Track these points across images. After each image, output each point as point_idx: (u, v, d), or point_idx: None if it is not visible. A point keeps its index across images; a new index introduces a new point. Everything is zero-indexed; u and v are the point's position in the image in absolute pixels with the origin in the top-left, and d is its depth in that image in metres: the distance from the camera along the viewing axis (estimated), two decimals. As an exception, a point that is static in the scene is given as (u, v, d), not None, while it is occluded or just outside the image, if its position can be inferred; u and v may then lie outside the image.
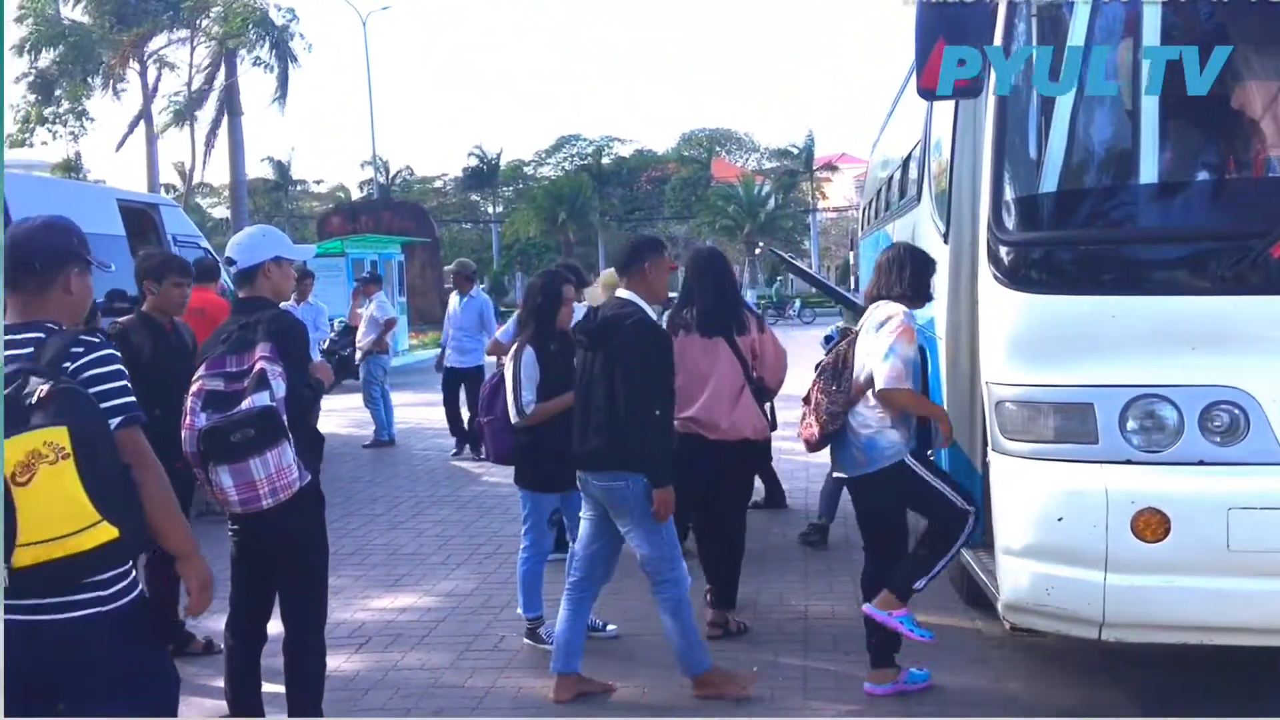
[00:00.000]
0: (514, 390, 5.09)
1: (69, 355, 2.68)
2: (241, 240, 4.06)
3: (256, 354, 3.67)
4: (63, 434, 2.52)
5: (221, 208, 49.38)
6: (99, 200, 10.94)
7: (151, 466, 2.79)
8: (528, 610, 5.31)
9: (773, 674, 4.82)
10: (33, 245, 2.81)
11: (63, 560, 2.54)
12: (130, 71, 26.74)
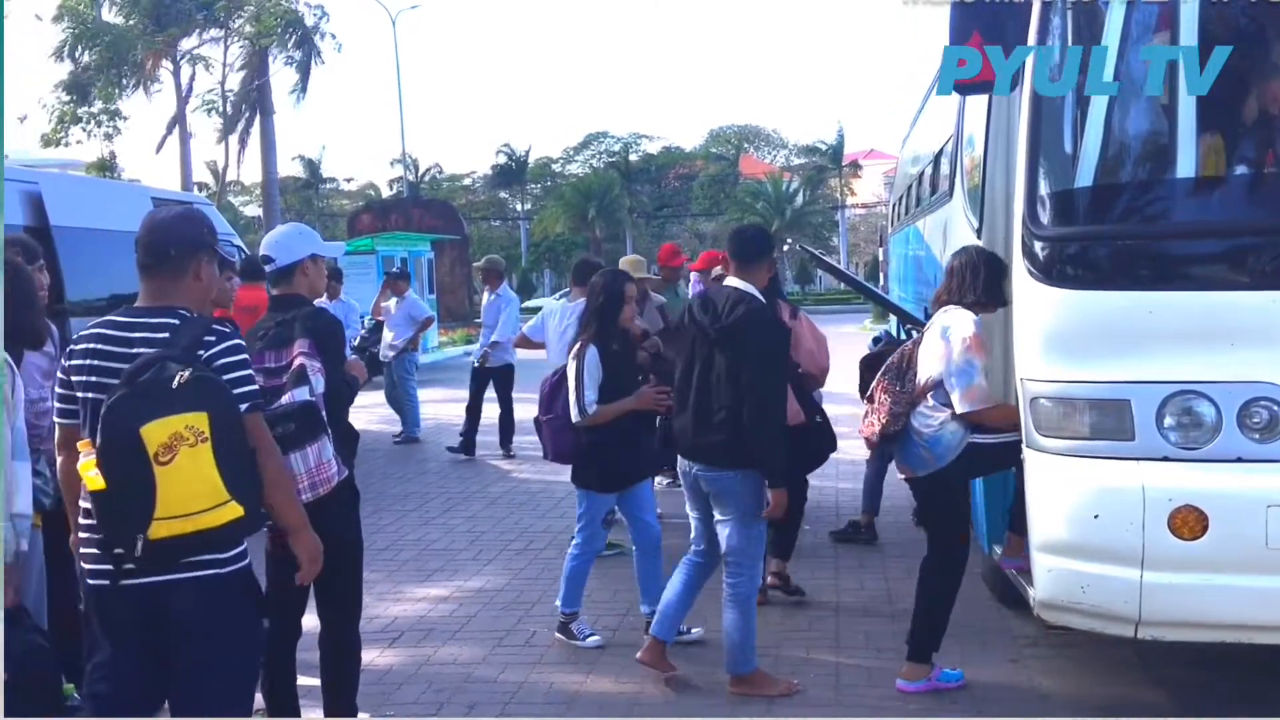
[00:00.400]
0: (576, 389, 5.04)
1: (203, 343, 2.87)
2: (279, 238, 4.10)
3: (295, 350, 3.75)
4: (203, 419, 2.74)
5: (253, 206, 49.72)
6: (134, 199, 11.04)
7: (271, 450, 3.04)
8: (566, 605, 5.29)
9: (804, 670, 4.82)
10: (169, 234, 3.00)
11: (193, 535, 2.76)
12: (164, 72, 27.02)
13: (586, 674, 4.87)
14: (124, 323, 2.95)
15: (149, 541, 2.74)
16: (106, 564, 2.86)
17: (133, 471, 2.72)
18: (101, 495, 2.77)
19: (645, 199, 61.07)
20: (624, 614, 5.65)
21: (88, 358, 2.93)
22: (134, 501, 2.73)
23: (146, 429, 2.70)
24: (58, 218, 8.90)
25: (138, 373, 2.79)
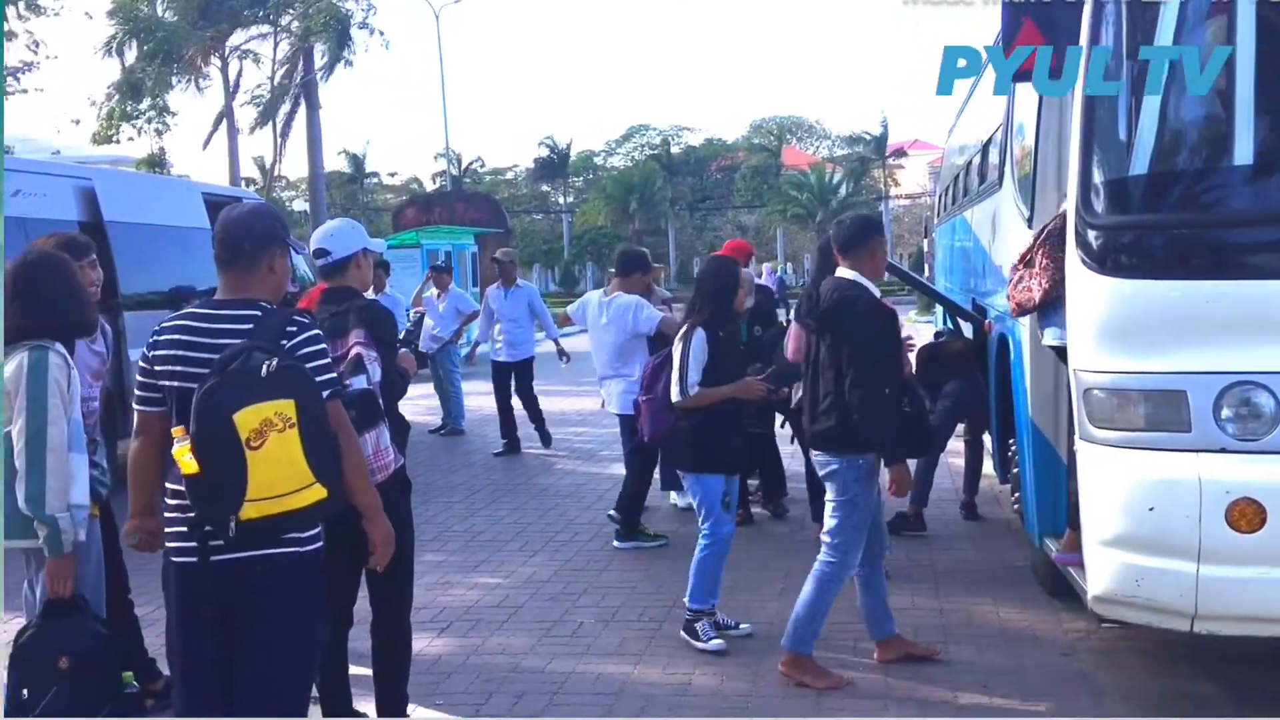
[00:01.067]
0: (680, 371, 5.07)
1: (285, 334, 3.01)
2: (333, 232, 4.17)
3: (351, 340, 3.85)
4: (291, 406, 2.86)
5: (299, 200, 50.20)
6: (185, 194, 11.23)
7: (351, 435, 3.20)
8: (694, 600, 5.08)
9: (853, 662, 4.79)
10: (243, 229, 3.12)
11: (280, 516, 2.89)
12: (212, 68, 27.33)
13: (634, 664, 4.88)
14: (206, 314, 3.07)
15: (240, 522, 2.87)
16: (194, 542, 2.98)
17: (226, 456, 2.83)
18: (196, 479, 2.88)
19: (687, 191, 60.93)
20: (671, 604, 5.65)
21: (172, 348, 3.05)
22: (227, 484, 2.85)
23: (239, 415, 2.82)
24: (111, 213, 9.06)
25: (227, 362, 2.90)
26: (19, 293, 3.68)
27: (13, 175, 8.86)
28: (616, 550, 6.80)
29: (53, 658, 3.49)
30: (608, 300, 7.13)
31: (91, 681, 3.55)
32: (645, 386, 5.45)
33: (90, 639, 3.60)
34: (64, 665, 3.49)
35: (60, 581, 3.56)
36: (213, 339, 3.00)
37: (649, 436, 5.46)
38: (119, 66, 25.48)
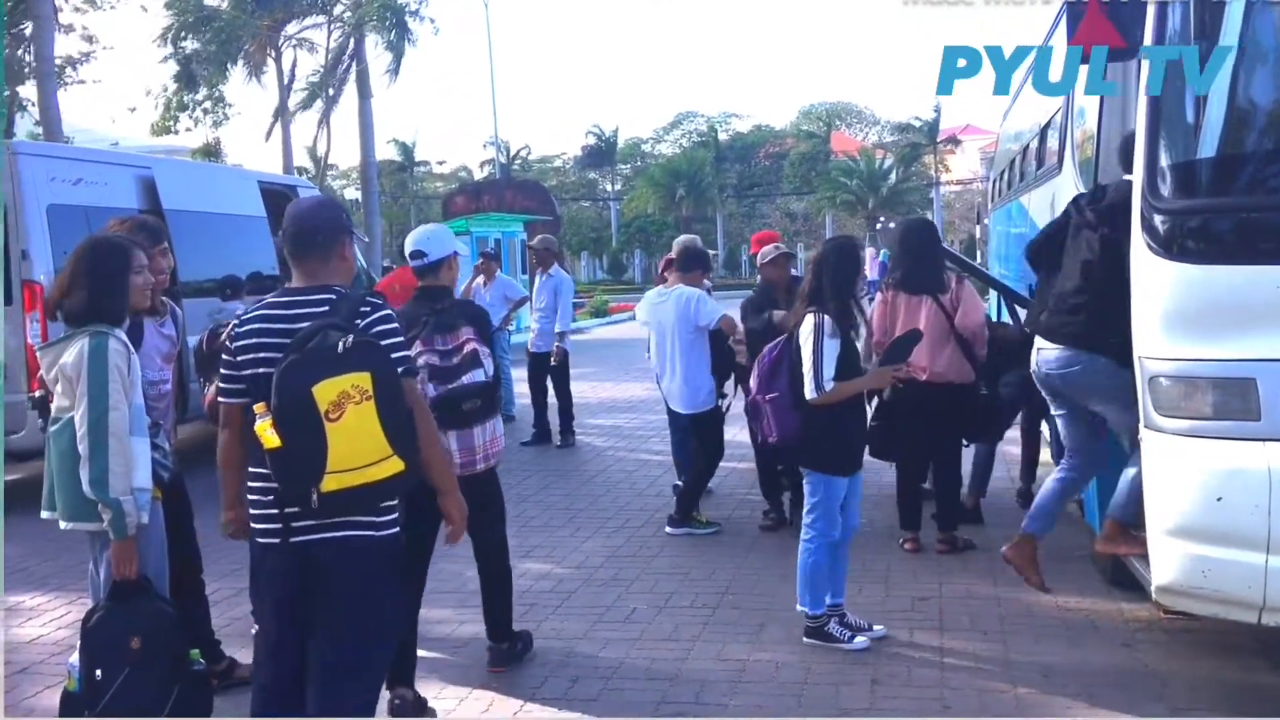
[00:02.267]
0: (814, 365, 4.72)
1: (359, 314, 3.13)
2: (429, 236, 4.56)
3: (462, 335, 4.32)
4: (366, 379, 2.97)
5: (350, 189, 50.63)
6: (242, 183, 11.35)
7: (425, 411, 3.34)
8: (813, 605, 4.86)
9: (908, 652, 4.76)
10: (315, 221, 3.27)
11: (360, 488, 2.98)
12: (268, 58, 27.59)
13: (688, 651, 4.87)
14: (284, 303, 3.19)
15: (322, 494, 2.96)
16: (277, 524, 3.09)
17: (306, 428, 2.94)
18: (278, 453, 2.98)
19: (735, 178, 60.67)
20: (723, 592, 5.65)
21: (253, 337, 3.16)
22: (308, 456, 2.95)
23: (318, 388, 2.92)
24: (169, 201, 9.19)
25: (305, 340, 3.02)
26: (73, 273, 3.78)
27: (75, 164, 9.04)
28: (669, 536, 6.80)
29: (124, 639, 3.55)
30: (668, 291, 7.09)
31: (163, 661, 3.61)
32: (763, 384, 4.98)
33: (159, 619, 3.66)
34: (135, 646, 3.55)
35: (125, 564, 3.62)
36: (291, 324, 3.11)
37: (776, 438, 4.98)
38: (175, 58, 25.81)
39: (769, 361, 4.99)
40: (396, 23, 26.65)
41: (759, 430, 5.09)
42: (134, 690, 3.52)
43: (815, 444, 4.84)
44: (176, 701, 3.61)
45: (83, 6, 19.24)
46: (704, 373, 6.91)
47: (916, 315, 6.01)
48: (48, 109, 14.74)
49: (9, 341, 8.18)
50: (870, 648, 4.79)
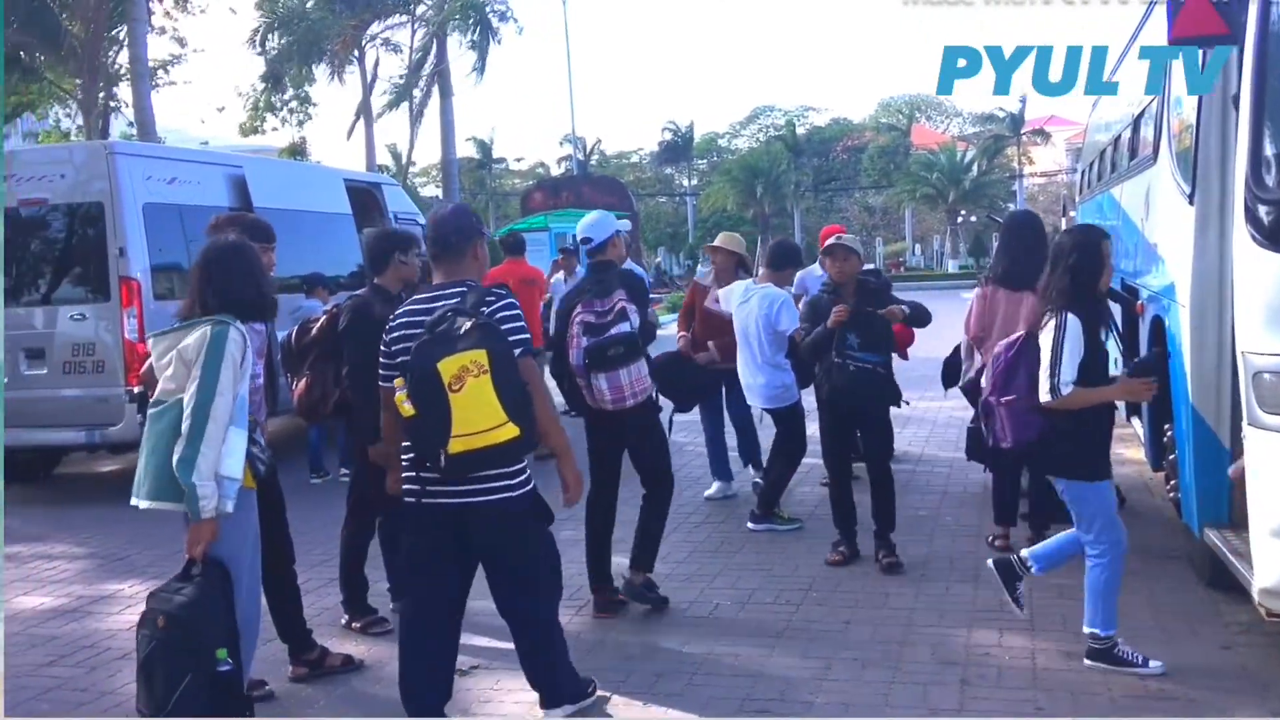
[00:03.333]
0: (1051, 365, 4.30)
1: (485, 302, 3.70)
2: (593, 223, 5.53)
3: (615, 298, 5.15)
4: (483, 355, 3.51)
5: (431, 186, 51.29)
6: (329, 181, 11.56)
7: (540, 387, 3.81)
8: (1104, 626, 4.45)
9: (998, 652, 4.68)
10: (450, 226, 3.93)
11: (481, 450, 3.53)
12: (352, 57, 28.06)
13: (772, 648, 4.85)
14: (427, 298, 3.85)
15: (449, 456, 3.52)
16: (416, 485, 3.73)
17: (433, 398, 3.51)
18: (413, 420, 3.59)
19: (812, 173, 60.16)
20: (807, 589, 5.61)
21: (402, 329, 3.81)
22: (436, 423, 3.52)
23: (442, 363, 3.50)
24: (260, 199, 9.39)
25: (434, 325, 3.64)
26: (211, 275, 3.94)
27: (169, 164, 9.29)
28: (750, 532, 6.77)
29: (154, 614, 3.66)
30: (754, 288, 7.05)
31: (178, 646, 3.62)
32: (999, 385, 4.62)
33: (190, 607, 3.65)
34: (161, 624, 3.63)
35: (194, 544, 3.71)
36: (430, 315, 3.71)
37: (1012, 443, 4.62)
38: (263, 58, 26.42)
39: (1006, 360, 4.63)
40: (480, 21, 26.89)
41: (990, 434, 4.74)
42: (153, 664, 3.62)
43: (1060, 449, 4.45)
44: (185, 692, 3.59)
45: (173, 11, 19.72)
46: (783, 368, 6.86)
47: (1017, 312, 5.74)
48: (142, 110, 15.15)
49: (105, 337, 8.46)
50: (1167, 671, 4.36)
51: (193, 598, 3.70)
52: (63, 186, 8.74)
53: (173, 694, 3.57)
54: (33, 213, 8.82)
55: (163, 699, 3.59)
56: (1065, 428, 4.36)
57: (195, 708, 3.60)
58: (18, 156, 9.47)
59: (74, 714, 4.48)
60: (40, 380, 8.60)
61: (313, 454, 8.88)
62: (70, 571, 6.62)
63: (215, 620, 3.71)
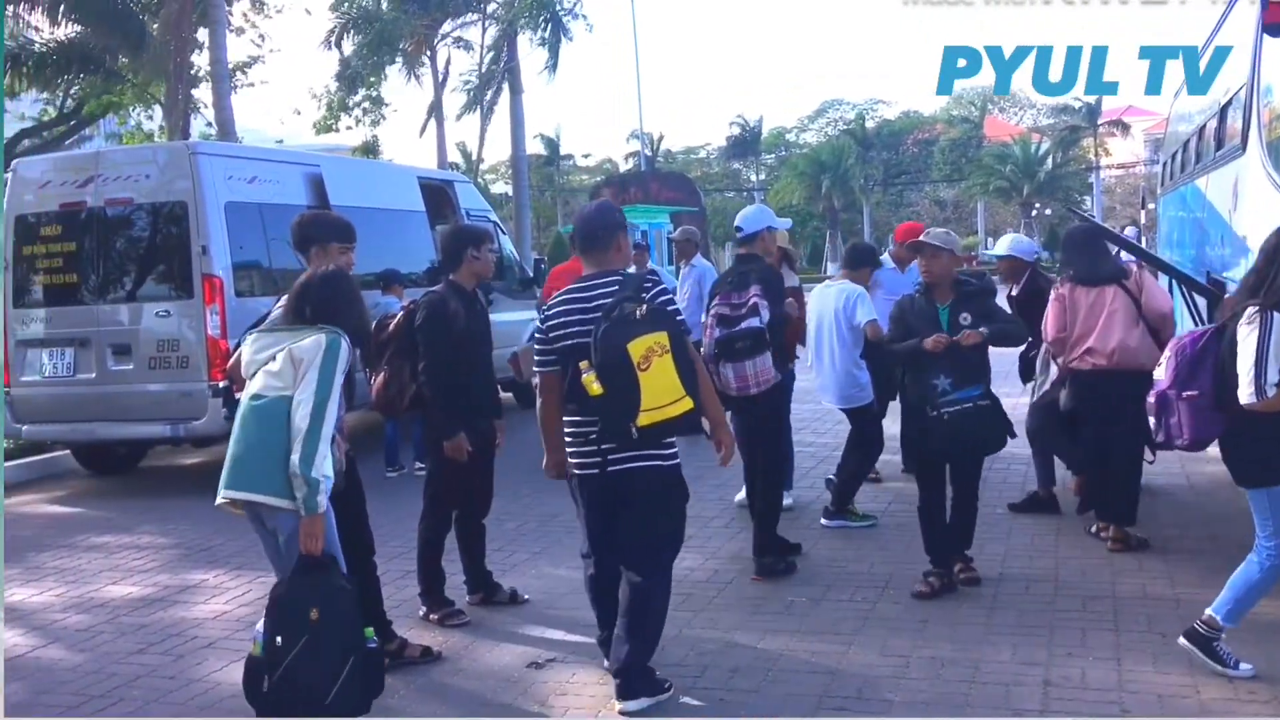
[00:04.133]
0: (1256, 364, 4.06)
1: (644, 289, 4.13)
2: (748, 215, 5.97)
3: (750, 292, 5.58)
4: (664, 337, 3.98)
5: (500, 183, 51.67)
6: (403, 179, 11.69)
7: (699, 362, 4.29)
8: (1231, 618, 4.35)
9: (1081, 653, 4.59)
10: (597, 221, 4.39)
11: (663, 422, 3.99)
12: (424, 57, 28.36)
13: (848, 644, 4.81)
14: (582, 288, 4.25)
15: (639, 428, 3.97)
16: (596, 459, 4.20)
17: (624, 377, 3.94)
18: (602, 399, 3.99)
19: (881, 166, 59.55)
20: (883, 586, 5.56)
21: (561, 318, 4.22)
22: (626, 399, 3.95)
23: (631, 345, 3.94)
24: (336, 198, 9.53)
25: (610, 311, 4.04)
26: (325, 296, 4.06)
27: (249, 163, 9.47)
28: (824, 529, 6.73)
29: (305, 609, 3.70)
30: (834, 283, 7.00)
31: (338, 633, 3.75)
32: (1181, 379, 4.37)
33: (339, 595, 3.81)
34: (314, 617, 3.69)
35: (312, 539, 3.79)
36: (589, 303, 4.15)
37: (1190, 440, 4.38)
38: (337, 58, 26.84)
39: (1191, 353, 4.36)
40: (551, 18, 27.00)
41: (1162, 429, 4.47)
42: (310, 658, 3.67)
43: (1256, 452, 4.21)
44: (349, 674, 3.72)
45: (249, 13, 20.10)
46: (857, 366, 6.81)
47: (1100, 304, 5.83)
48: (221, 110, 15.46)
49: (189, 333, 8.65)
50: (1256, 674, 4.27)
51: (339, 585, 3.84)
52: (147, 186, 8.95)
53: (336, 680, 3.68)
54: (118, 212, 9.05)
55: (326, 685, 3.67)
56: (1266, 430, 4.12)
57: (358, 688, 3.76)
58: (104, 157, 9.69)
59: (163, 700, 4.59)
60: (126, 375, 8.82)
61: (389, 448, 9.01)
62: (157, 562, 6.79)
63: (358, 604, 3.91)
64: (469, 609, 5.45)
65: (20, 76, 17.16)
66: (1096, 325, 5.82)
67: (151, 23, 16.98)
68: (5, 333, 9.25)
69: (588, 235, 4.35)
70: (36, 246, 9.25)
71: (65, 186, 9.17)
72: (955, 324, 5.41)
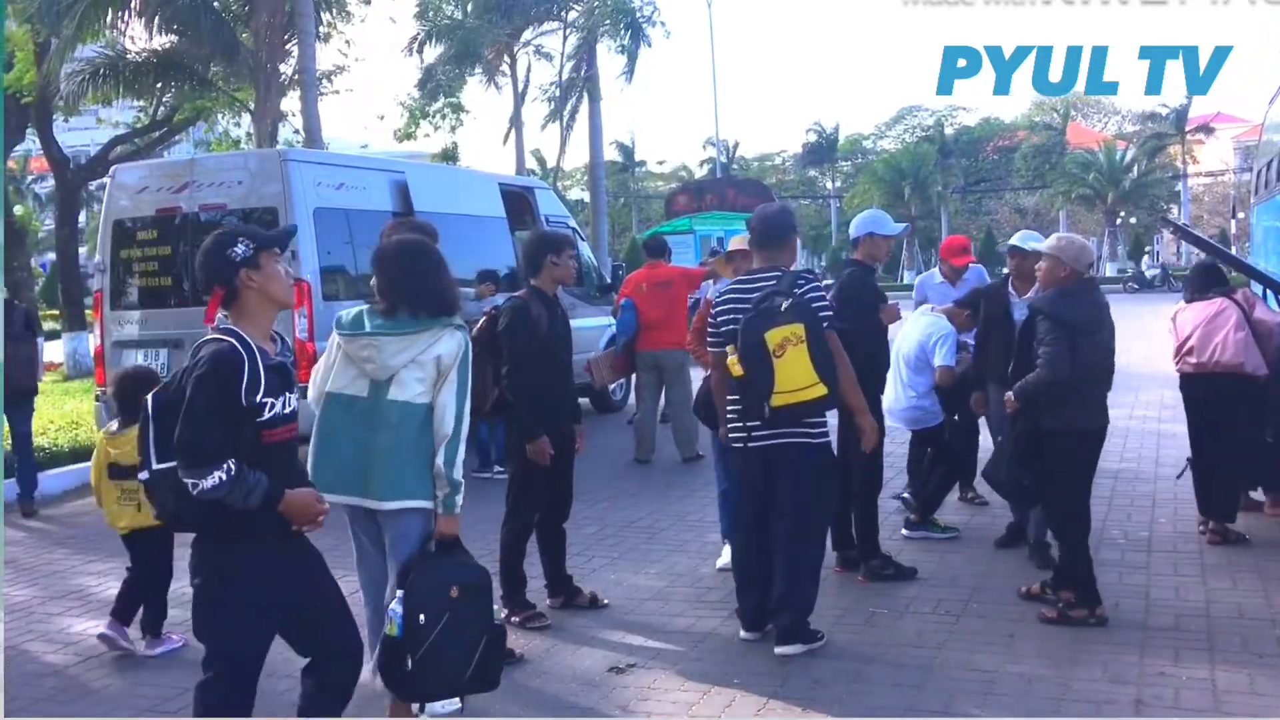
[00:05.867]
0: None
1: (798, 285, 4.68)
2: (857, 220, 6.00)
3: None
4: (800, 329, 4.49)
5: (575, 189, 51.96)
6: (484, 185, 11.83)
7: (842, 355, 4.75)
8: None
9: (1174, 672, 4.47)
10: (775, 220, 4.95)
11: (795, 405, 4.54)
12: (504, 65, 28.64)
13: (935, 655, 4.76)
14: (747, 280, 4.86)
15: (771, 409, 4.53)
16: (743, 434, 4.76)
17: (761, 362, 4.52)
18: (742, 380, 4.60)
19: (960, 174, 58.72)
20: (967, 598, 5.47)
21: (727, 304, 4.84)
22: (762, 382, 4.53)
23: (769, 334, 4.50)
24: (421, 203, 9.67)
25: (759, 303, 4.63)
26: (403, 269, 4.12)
27: (337, 169, 9.66)
28: (906, 539, 6.65)
29: (446, 587, 3.77)
30: (929, 310, 6.90)
31: (476, 609, 3.83)
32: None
33: (475, 573, 3.90)
34: (455, 594, 3.77)
35: (450, 526, 3.91)
36: (750, 294, 4.73)
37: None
38: (418, 65, 27.22)
39: None
40: (630, 25, 27.09)
41: None
42: (451, 635, 3.73)
43: None
44: (484, 650, 3.81)
45: (335, 21, 20.46)
46: (925, 395, 6.72)
47: (1206, 313, 6.16)
48: (309, 118, 15.78)
49: (278, 336, 8.84)
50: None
51: (475, 564, 3.94)
52: (239, 192, 9.17)
53: (474, 656, 3.77)
54: (211, 217, 9.27)
55: (465, 662, 3.76)
56: None
57: (493, 663, 3.85)
58: (199, 163, 9.95)
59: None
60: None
61: (481, 449, 9.14)
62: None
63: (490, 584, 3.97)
64: (550, 612, 5.48)
65: (118, 84, 17.66)
66: (1201, 331, 6.13)
67: (242, 32, 17.39)
68: (103, 333, 9.56)
69: (765, 233, 4.90)
70: (133, 250, 9.54)
71: (161, 192, 9.43)
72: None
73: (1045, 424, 5.02)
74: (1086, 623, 4.98)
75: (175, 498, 3.17)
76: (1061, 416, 4.98)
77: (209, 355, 3.15)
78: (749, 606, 5.01)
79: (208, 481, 3.06)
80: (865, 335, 5.60)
